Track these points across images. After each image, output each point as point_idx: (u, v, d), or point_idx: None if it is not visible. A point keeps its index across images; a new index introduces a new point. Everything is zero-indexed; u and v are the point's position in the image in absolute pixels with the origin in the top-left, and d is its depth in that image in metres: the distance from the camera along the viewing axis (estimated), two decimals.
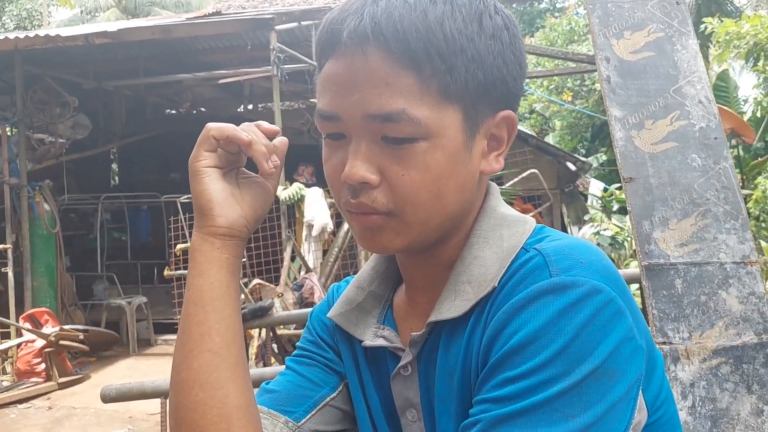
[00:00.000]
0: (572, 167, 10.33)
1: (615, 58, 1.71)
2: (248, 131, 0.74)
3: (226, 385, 0.71)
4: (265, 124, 0.77)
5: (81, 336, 6.41)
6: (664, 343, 1.48)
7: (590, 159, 11.99)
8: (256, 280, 5.43)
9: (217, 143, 0.74)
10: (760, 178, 8.10)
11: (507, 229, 0.76)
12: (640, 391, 0.67)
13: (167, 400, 2.27)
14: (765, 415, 1.48)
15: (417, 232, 0.73)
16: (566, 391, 0.61)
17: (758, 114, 10.30)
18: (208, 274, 0.73)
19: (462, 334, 0.72)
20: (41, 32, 7.25)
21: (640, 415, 0.69)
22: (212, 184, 0.74)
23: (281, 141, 0.78)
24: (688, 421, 1.47)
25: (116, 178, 12.47)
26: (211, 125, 0.74)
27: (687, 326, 1.50)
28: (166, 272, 6.01)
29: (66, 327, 6.54)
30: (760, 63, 9.21)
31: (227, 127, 0.73)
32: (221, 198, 0.74)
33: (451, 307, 0.73)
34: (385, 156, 0.70)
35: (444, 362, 0.74)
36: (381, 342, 0.81)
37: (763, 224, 7.43)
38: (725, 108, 9.19)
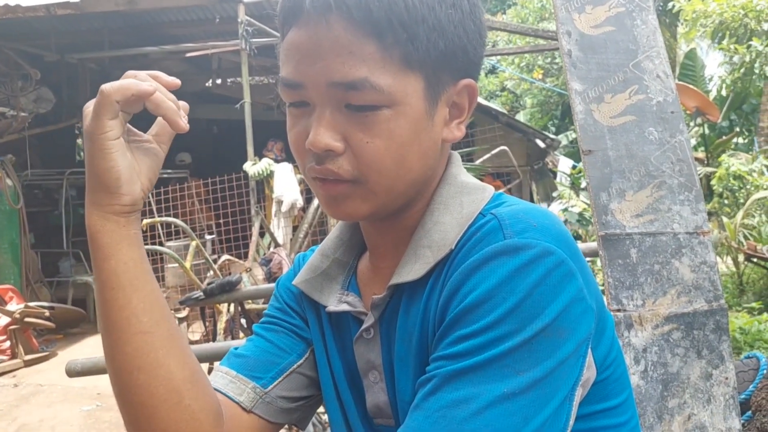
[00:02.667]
0: (542, 144, 10.42)
1: (576, 32, 1.73)
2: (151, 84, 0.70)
3: (166, 361, 0.71)
4: (163, 76, 0.73)
5: (47, 313, 6.33)
6: (619, 310, 1.53)
7: (560, 136, 12.10)
8: (225, 256, 5.39)
9: (120, 107, 0.69)
10: (723, 156, 8.27)
11: (467, 196, 0.78)
12: (590, 350, 0.70)
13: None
14: (713, 378, 1.55)
15: (382, 199, 0.74)
16: (517, 348, 0.63)
17: (723, 92, 10.49)
18: (119, 254, 0.70)
19: (421, 296, 0.75)
20: (0, 2, 7.02)
21: (589, 373, 0.72)
22: (120, 160, 0.70)
23: (183, 105, 0.76)
24: (641, 384, 1.52)
25: (81, 154, 12.21)
26: (108, 88, 0.68)
27: (641, 294, 1.55)
28: None
29: (31, 304, 6.44)
30: (725, 41, 9.36)
31: (129, 86, 0.68)
32: (128, 175, 0.71)
33: (411, 270, 0.75)
34: (349, 124, 0.71)
35: (404, 324, 0.76)
36: (344, 307, 0.83)
37: (726, 201, 7.61)
38: (691, 87, 9.34)
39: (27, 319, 6.12)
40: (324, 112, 0.71)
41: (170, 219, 5.58)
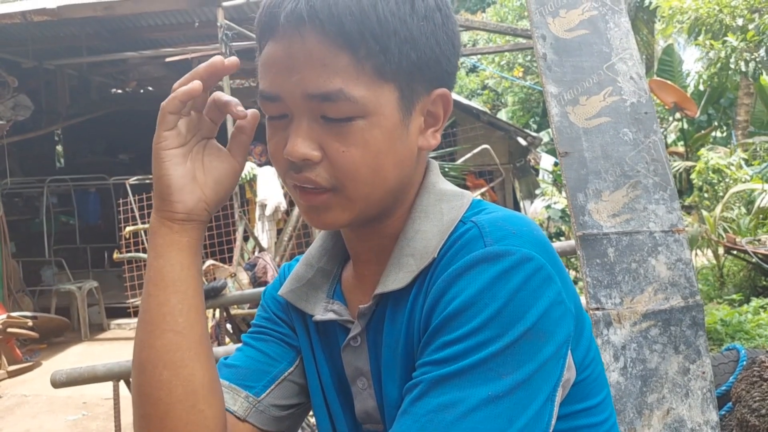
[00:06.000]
0: (523, 142, 10.47)
1: (551, 36, 1.75)
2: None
3: (191, 363, 0.73)
4: (210, 63, 0.77)
5: (30, 323, 6.25)
6: (598, 308, 1.56)
7: (541, 134, 12.16)
8: (210, 261, 5.38)
9: (177, 117, 0.75)
10: (702, 150, 8.37)
11: (446, 203, 0.79)
12: (569, 351, 0.72)
13: (119, 383, 2.25)
14: (691, 373, 1.58)
15: (360, 207, 0.76)
16: (500, 352, 0.65)
17: (700, 87, 10.62)
18: (168, 256, 0.74)
19: (405, 303, 0.76)
20: None
21: (569, 373, 0.74)
22: (173, 169, 0.75)
23: (251, 112, 0.80)
24: (620, 381, 1.55)
25: (62, 160, 12.10)
26: (164, 102, 0.74)
27: (619, 292, 1.58)
28: (115, 255, 5.89)
29: (14, 314, 6.36)
30: (701, 37, 9.47)
31: (176, 95, 0.74)
32: (181, 184, 0.75)
33: (396, 279, 0.76)
34: (325, 134, 0.72)
35: (390, 331, 0.78)
36: (331, 316, 0.84)
37: (705, 194, 7.70)
38: (669, 82, 9.44)
39: (9, 330, 6.05)
40: (301, 123, 0.73)
41: None
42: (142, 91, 10.52)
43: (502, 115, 14.57)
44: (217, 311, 3.94)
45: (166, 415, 0.72)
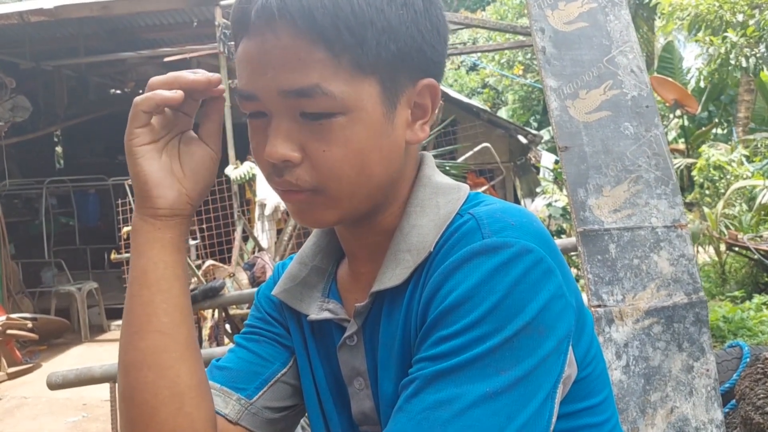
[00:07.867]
0: (524, 140, 10.47)
1: (550, 29, 1.73)
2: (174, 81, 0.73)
3: (177, 365, 0.71)
4: (186, 75, 0.75)
5: (30, 324, 6.24)
6: (599, 306, 1.53)
7: (542, 132, 12.16)
8: (209, 261, 5.36)
9: (150, 115, 0.73)
10: (703, 147, 8.36)
11: (442, 196, 0.77)
12: (570, 347, 0.70)
13: (116, 385, 2.23)
14: (695, 371, 1.55)
15: (346, 206, 0.74)
16: (498, 347, 0.63)
17: (701, 84, 10.62)
18: (150, 254, 0.72)
19: (402, 299, 0.74)
20: None
21: (570, 370, 0.72)
22: (147, 165, 0.73)
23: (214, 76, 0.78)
24: (623, 380, 1.52)
25: (61, 162, 12.10)
26: (137, 99, 0.72)
27: (621, 289, 1.55)
28: (113, 256, 5.88)
29: (13, 316, 6.35)
30: (701, 33, 9.45)
31: (154, 96, 0.72)
32: (158, 178, 0.73)
33: (393, 276, 0.74)
34: (305, 133, 0.70)
35: (387, 329, 0.76)
36: (326, 315, 0.82)
37: (707, 191, 7.69)
38: (669, 79, 9.44)
39: (9, 331, 6.04)
40: (280, 123, 0.71)
41: None
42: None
43: (503, 113, 14.56)
44: (216, 311, 3.92)
45: (152, 418, 0.70)
